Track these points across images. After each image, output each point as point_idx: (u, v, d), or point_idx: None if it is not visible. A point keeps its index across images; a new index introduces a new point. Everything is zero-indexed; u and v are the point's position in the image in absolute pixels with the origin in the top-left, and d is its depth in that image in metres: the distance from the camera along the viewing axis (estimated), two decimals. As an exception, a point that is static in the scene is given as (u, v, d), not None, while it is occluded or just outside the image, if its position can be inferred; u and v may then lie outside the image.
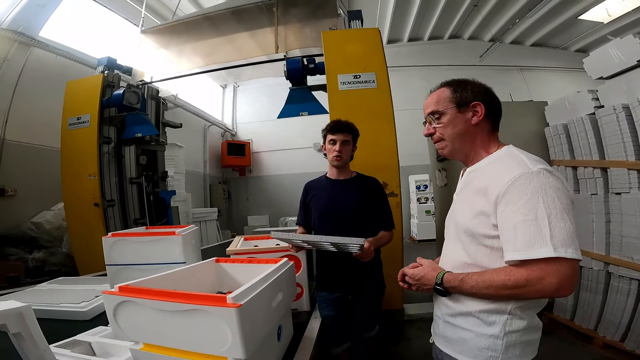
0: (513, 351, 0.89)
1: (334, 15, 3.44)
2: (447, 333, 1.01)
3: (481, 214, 0.91)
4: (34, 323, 0.73)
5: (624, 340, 2.39)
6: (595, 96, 2.75)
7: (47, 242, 3.75)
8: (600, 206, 2.63)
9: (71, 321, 1.46)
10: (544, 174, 0.83)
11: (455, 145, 1.02)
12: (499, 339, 0.89)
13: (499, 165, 0.92)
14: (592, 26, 7.52)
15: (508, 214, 0.84)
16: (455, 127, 1.00)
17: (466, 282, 0.91)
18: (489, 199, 0.89)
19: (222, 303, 0.73)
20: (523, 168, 0.85)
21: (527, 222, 0.81)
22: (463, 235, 0.98)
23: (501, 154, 0.97)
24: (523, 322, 0.90)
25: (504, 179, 0.86)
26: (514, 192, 0.84)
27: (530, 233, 0.80)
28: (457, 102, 1.00)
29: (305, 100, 3.12)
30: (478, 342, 0.92)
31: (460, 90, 1.01)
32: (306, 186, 1.96)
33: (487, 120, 1.01)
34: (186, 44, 3.99)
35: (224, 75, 7.52)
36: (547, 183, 0.82)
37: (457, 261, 1.00)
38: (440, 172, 4.04)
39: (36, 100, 4.07)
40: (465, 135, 1.01)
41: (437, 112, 1.02)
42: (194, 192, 6.97)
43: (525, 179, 0.83)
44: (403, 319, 3.06)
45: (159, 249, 1.64)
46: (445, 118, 1.01)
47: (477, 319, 0.93)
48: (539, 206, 0.80)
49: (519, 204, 0.83)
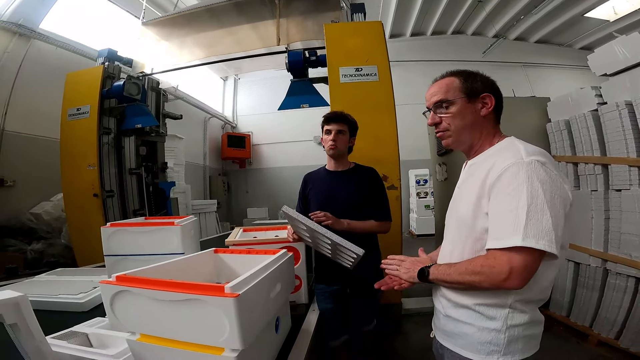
0: (515, 345, 0.89)
1: (337, 8, 3.40)
2: (448, 327, 1.01)
3: (478, 206, 0.91)
4: (30, 313, 0.72)
5: (619, 338, 2.40)
6: (599, 93, 2.73)
7: (46, 233, 3.76)
8: (599, 203, 2.63)
9: (69, 312, 1.45)
10: (535, 164, 0.82)
11: (462, 136, 1.00)
12: (501, 333, 0.88)
13: (498, 157, 0.91)
14: (598, 24, 7.46)
15: (494, 203, 0.85)
16: (464, 118, 0.98)
17: (442, 267, 0.96)
18: (484, 189, 0.89)
19: (220, 293, 0.72)
20: (516, 158, 0.85)
21: (507, 211, 0.82)
22: (463, 227, 0.97)
23: (502, 146, 0.96)
24: (525, 315, 0.89)
25: (498, 168, 0.86)
26: (503, 181, 0.84)
27: (507, 222, 0.81)
28: (467, 93, 0.98)
29: (307, 93, 3.11)
30: (480, 336, 0.91)
31: (471, 80, 0.99)
32: (305, 177, 1.96)
33: (494, 112, 1.00)
34: (187, 36, 3.96)
35: (224, 67, 7.45)
36: (536, 174, 0.81)
37: (456, 253, 0.99)
38: (440, 166, 4.03)
39: (36, 92, 4.06)
40: (473, 127, 0.99)
41: (446, 101, 0.99)
42: (193, 183, 6.98)
43: (515, 169, 0.83)
44: (401, 314, 3.08)
45: (157, 239, 1.63)
46: (454, 108, 0.98)
47: (476, 312, 0.92)
48: (522, 196, 0.80)
49: (504, 193, 0.83)
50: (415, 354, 2.62)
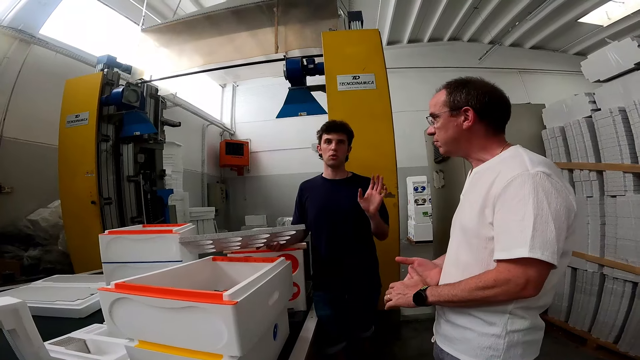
0: (515, 351, 0.90)
1: (334, 16, 3.44)
2: (449, 332, 1.02)
3: (482, 215, 0.92)
4: (29, 319, 0.73)
5: (617, 342, 2.40)
6: (592, 99, 2.76)
7: (43, 240, 3.73)
8: (595, 209, 2.65)
9: (66, 319, 1.46)
10: (540, 176, 0.84)
11: (450, 147, 1.05)
12: (500, 338, 0.90)
13: (503, 166, 0.92)
14: (591, 29, 7.55)
15: (501, 214, 0.87)
16: (447, 132, 1.03)
17: (443, 288, 0.95)
18: (489, 200, 0.90)
19: (219, 300, 0.73)
20: (522, 169, 0.86)
21: (514, 222, 0.83)
22: (468, 236, 0.98)
23: (506, 155, 0.97)
24: (525, 321, 0.91)
25: (503, 180, 0.87)
26: (509, 193, 0.85)
27: (514, 233, 0.82)
28: (450, 107, 1.01)
29: (304, 101, 3.12)
30: (480, 341, 0.93)
31: (455, 93, 1.01)
32: (301, 186, 1.96)
33: (482, 123, 1.00)
34: (186, 43, 3.98)
35: (223, 74, 7.52)
36: (541, 185, 0.83)
37: (460, 261, 1.01)
38: (437, 173, 4.05)
39: (35, 98, 4.06)
40: (457, 140, 1.03)
41: (433, 115, 1.05)
42: (191, 191, 6.96)
43: (521, 180, 0.84)
44: (399, 320, 3.07)
45: (155, 247, 1.63)
46: (439, 121, 1.03)
47: (477, 318, 0.93)
48: (528, 207, 0.82)
49: (511, 204, 0.85)
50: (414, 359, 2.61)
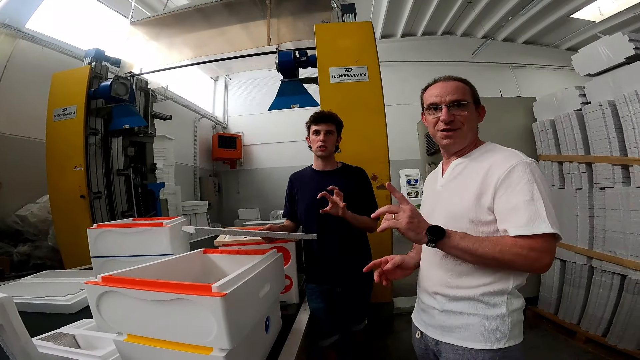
0: (515, 330, 0.95)
1: (327, 9, 3.42)
2: (447, 322, 1.01)
3: (479, 201, 0.97)
4: (15, 314, 0.71)
5: (606, 335, 2.42)
6: (583, 92, 2.78)
7: (32, 236, 3.69)
8: (584, 201, 2.68)
9: (56, 314, 1.44)
10: (534, 165, 0.95)
11: (469, 135, 1.09)
12: (505, 318, 0.94)
13: (496, 155, 1.01)
14: (583, 25, 7.62)
15: (508, 196, 0.92)
16: (472, 121, 1.09)
17: (469, 236, 0.92)
18: (488, 184, 0.96)
19: (207, 292, 0.72)
20: (519, 158, 0.96)
21: (526, 202, 0.89)
22: (459, 222, 0.98)
23: (489, 148, 1.08)
24: (520, 300, 0.98)
25: (504, 166, 0.95)
26: (513, 177, 0.93)
27: (530, 212, 0.88)
28: (474, 100, 1.10)
29: (297, 93, 3.10)
30: (485, 324, 0.94)
31: (475, 90, 1.12)
32: (291, 177, 1.95)
33: None
34: (177, 36, 3.92)
35: (215, 67, 7.43)
36: (537, 172, 0.94)
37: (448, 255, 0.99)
38: (430, 165, 4.06)
39: (21, 92, 3.99)
40: (474, 130, 1.11)
41: (465, 101, 1.06)
42: (184, 184, 6.92)
43: (522, 167, 0.93)
44: (392, 312, 3.09)
45: (145, 240, 1.61)
46: (467, 109, 1.07)
47: (480, 302, 0.96)
48: (534, 190, 0.90)
49: (517, 188, 0.92)
50: (407, 353, 2.62)
